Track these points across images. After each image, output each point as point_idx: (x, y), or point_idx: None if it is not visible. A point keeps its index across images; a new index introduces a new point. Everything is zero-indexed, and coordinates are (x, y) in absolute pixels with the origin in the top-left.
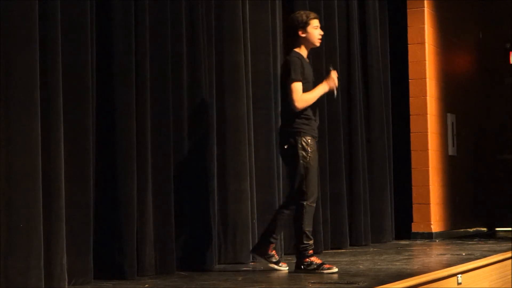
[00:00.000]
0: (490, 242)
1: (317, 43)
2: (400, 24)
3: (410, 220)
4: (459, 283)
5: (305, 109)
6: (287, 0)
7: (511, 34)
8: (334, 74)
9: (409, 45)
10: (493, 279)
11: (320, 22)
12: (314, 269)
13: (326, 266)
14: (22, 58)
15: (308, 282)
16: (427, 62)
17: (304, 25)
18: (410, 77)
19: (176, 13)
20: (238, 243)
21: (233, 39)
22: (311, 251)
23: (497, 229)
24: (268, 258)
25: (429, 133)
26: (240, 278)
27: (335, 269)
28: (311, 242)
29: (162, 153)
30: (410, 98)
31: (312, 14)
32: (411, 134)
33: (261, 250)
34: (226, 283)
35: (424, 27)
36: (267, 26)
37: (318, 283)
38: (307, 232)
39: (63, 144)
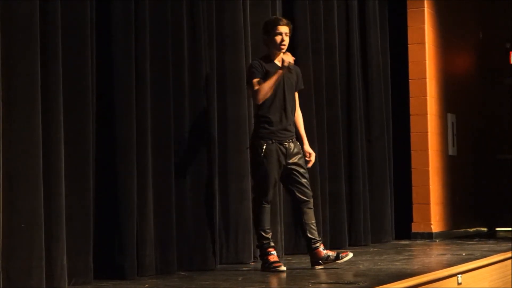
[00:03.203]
0: (490, 242)
1: (279, 49)
2: (400, 24)
3: (410, 220)
4: (459, 283)
5: (265, 112)
6: (287, 0)
7: (511, 34)
8: (284, 56)
9: (409, 45)
10: (493, 279)
11: (319, 22)
12: (267, 267)
13: (275, 265)
14: (23, 58)
15: (308, 282)
16: (427, 62)
17: (268, 31)
18: (410, 77)
19: (177, 13)
20: (239, 243)
21: (234, 39)
22: (270, 249)
23: (497, 229)
24: (326, 260)
25: (429, 133)
26: (240, 278)
27: (283, 269)
28: (265, 241)
29: (162, 153)
30: (410, 98)
31: (279, 21)
32: (411, 134)
33: (316, 259)
34: (226, 283)
35: (424, 27)
36: None
37: (318, 282)
38: (260, 231)
39: (64, 144)
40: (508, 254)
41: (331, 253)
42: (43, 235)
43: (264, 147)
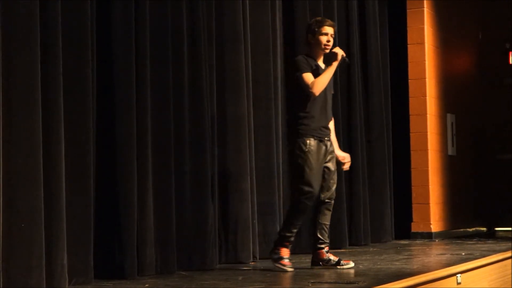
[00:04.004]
0: (489, 242)
1: (325, 50)
2: (400, 24)
3: (410, 220)
4: (458, 283)
5: (307, 109)
6: (287, 0)
7: (510, 34)
8: (335, 49)
9: (408, 45)
10: (492, 279)
11: None
12: (276, 259)
13: (284, 262)
14: (23, 58)
15: (308, 282)
16: (426, 62)
17: (313, 32)
18: (409, 77)
19: (177, 13)
20: (238, 243)
21: (233, 39)
22: (286, 243)
23: (496, 229)
24: (327, 263)
25: (428, 133)
26: (240, 278)
27: (290, 270)
28: (290, 234)
29: (162, 153)
30: (409, 98)
31: (324, 22)
32: (410, 134)
33: (317, 260)
34: (226, 282)
35: (423, 27)
36: (268, 26)
37: (318, 282)
38: (291, 226)
39: (64, 144)
40: (507, 254)
41: (333, 258)
42: (43, 234)
43: (308, 143)
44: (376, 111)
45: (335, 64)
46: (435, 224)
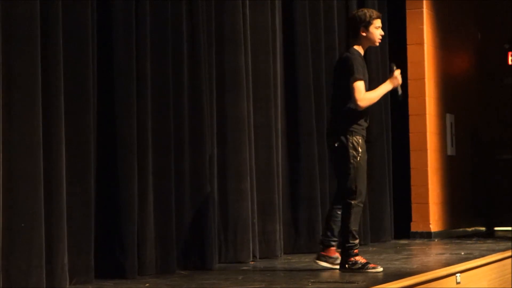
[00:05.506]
0: (488, 241)
1: (377, 43)
2: (399, 25)
3: (409, 219)
4: (458, 282)
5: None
6: (287, 0)
7: (510, 34)
8: (397, 73)
9: (408, 46)
10: (491, 279)
11: (319, 22)
12: (359, 268)
13: (371, 265)
14: (23, 58)
15: (308, 281)
16: (426, 63)
17: (367, 24)
18: (409, 78)
19: (177, 13)
20: (238, 243)
21: (233, 39)
22: (356, 251)
23: (495, 228)
24: (334, 261)
25: (428, 133)
26: (240, 277)
27: (380, 269)
28: (357, 241)
29: (162, 153)
30: (409, 99)
31: (375, 14)
32: (410, 134)
33: (325, 257)
34: (226, 282)
35: (423, 27)
36: (267, 27)
37: (318, 282)
38: (354, 232)
39: (64, 144)
40: (506, 254)
41: (340, 257)
42: (43, 234)
43: (360, 142)
44: (376, 111)
45: (388, 88)
46: (435, 224)
